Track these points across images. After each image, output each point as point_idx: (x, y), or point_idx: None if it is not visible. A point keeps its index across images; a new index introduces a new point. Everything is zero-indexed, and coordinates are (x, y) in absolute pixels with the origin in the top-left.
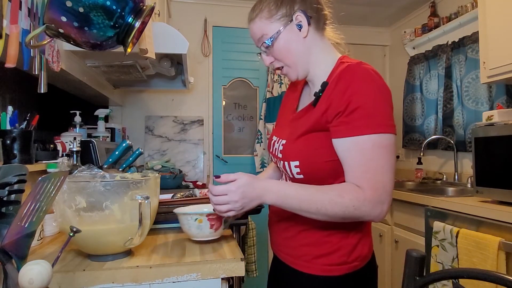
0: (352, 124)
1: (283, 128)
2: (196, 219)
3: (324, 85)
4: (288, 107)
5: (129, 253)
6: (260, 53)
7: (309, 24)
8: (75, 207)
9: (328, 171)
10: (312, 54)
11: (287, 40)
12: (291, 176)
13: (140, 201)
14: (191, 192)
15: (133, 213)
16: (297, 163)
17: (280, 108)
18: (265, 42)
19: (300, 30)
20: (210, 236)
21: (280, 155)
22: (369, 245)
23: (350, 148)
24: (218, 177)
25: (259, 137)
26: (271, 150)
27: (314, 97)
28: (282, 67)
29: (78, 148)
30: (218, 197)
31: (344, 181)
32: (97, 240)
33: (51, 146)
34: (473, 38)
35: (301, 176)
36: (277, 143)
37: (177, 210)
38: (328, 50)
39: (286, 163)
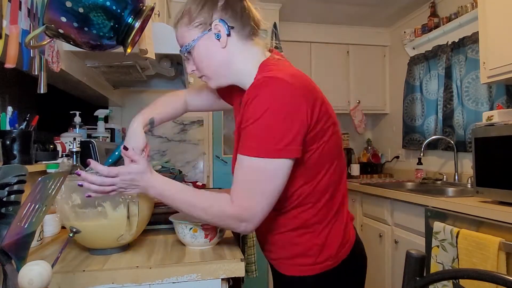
0: (242, 142)
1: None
2: (190, 228)
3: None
4: (236, 114)
5: (126, 247)
6: (184, 60)
7: (228, 34)
8: (71, 204)
9: None
10: (234, 64)
11: (205, 49)
12: None
13: (127, 199)
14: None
15: (123, 211)
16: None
17: (234, 110)
18: (181, 50)
19: (219, 40)
20: (204, 245)
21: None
22: (339, 241)
23: (237, 164)
24: (126, 149)
25: None
26: None
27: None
28: (202, 76)
29: (78, 148)
30: (106, 179)
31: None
32: (92, 235)
33: (51, 146)
34: (473, 38)
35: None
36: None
37: (173, 218)
38: (254, 58)
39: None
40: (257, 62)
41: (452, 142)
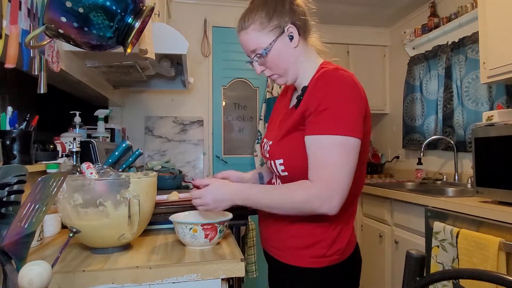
0: (319, 123)
1: (272, 131)
2: (190, 228)
3: (304, 89)
4: (278, 111)
5: (127, 247)
6: (251, 62)
7: (299, 34)
8: (73, 203)
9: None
10: (299, 62)
11: (279, 50)
12: (277, 174)
13: (129, 198)
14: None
15: (124, 210)
16: (281, 161)
17: (272, 112)
18: (259, 53)
19: (291, 41)
20: (204, 245)
21: (267, 155)
22: (348, 238)
23: (313, 145)
24: (193, 179)
25: (259, 137)
26: (262, 152)
27: (297, 100)
28: (272, 74)
29: (77, 148)
30: (196, 200)
31: None
32: (94, 234)
33: (51, 146)
34: (473, 38)
35: (286, 174)
36: (266, 144)
37: (173, 218)
38: (312, 57)
39: (272, 162)
40: (316, 59)
41: (452, 142)
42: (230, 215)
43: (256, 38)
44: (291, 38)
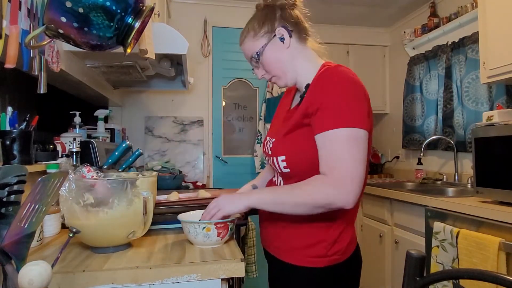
0: (324, 120)
1: (275, 129)
2: (204, 227)
3: (307, 86)
4: (281, 110)
5: (129, 245)
6: (253, 69)
7: (290, 36)
8: (83, 203)
9: (310, 164)
10: (296, 63)
11: (273, 52)
12: (279, 170)
13: (144, 197)
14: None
15: (136, 208)
16: (283, 157)
17: (275, 112)
18: (253, 57)
19: (283, 42)
20: (216, 244)
21: (269, 152)
22: (349, 239)
23: (322, 142)
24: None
25: (259, 137)
26: (264, 149)
27: (300, 98)
28: (272, 77)
29: (77, 148)
30: (210, 210)
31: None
32: (104, 232)
33: (51, 146)
34: (473, 38)
35: (288, 170)
36: (269, 142)
37: (183, 218)
38: (311, 57)
39: (274, 158)
40: (316, 62)
41: (452, 142)
42: (237, 214)
43: (251, 45)
44: (282, 40)
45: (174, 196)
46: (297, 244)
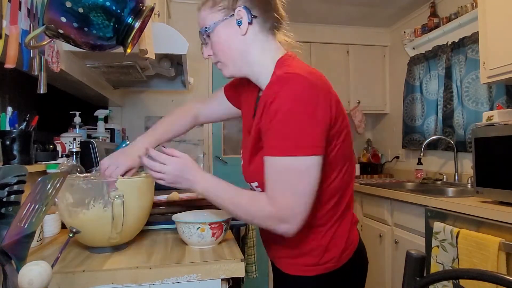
0: (269, 143)
1: (243, 145)
2: (198, 228)
3: (260, 96)
4: (246, 113)
5: (125, 247)
6: (202, 45)
7: (250, 22)
8: (66, 202)
9: None
10: (251, 54)
11: (224, 34)
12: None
13: (112, 199)
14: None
15: (115, 211)
16: (256, 183)
17: (242, 112)
18: (202, 31)
19: (239, 27)
20: (210, 244)
21: (244, 177)
22: (343, 245)
23: (266, 166)
24: (164, 147)
25: None
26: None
27: (254, 109)
28: (217, 62)
29: (77, 148)
30: (156, 164)
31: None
32: (86, 233)
33: (51, 146)
34: (473, 38)
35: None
36: (242, 164)
37: (176, 218)
38: (270, 51)
39: (250, 184)
40: (275, 57)
41: (452, 142)
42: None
43: (205, 16)
44: (240, 23)
45: (174, 196)
46: (290, 253)
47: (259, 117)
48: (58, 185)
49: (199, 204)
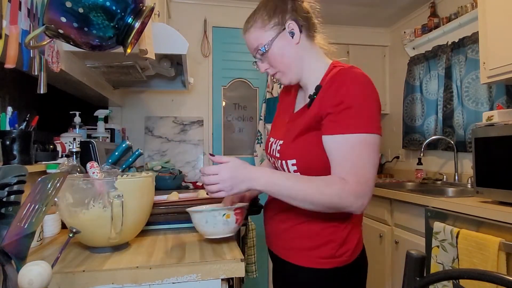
0: (343, 122)
1: (280, 130)
2: (224, 214)
3: (318, 88)
4: (284, 110)
5: (125, 247)
6: (255, 62)
7: (300, 31)
8: (66, 202)
9: (322, 168)
10: (304, 60)
11: (281, 47)
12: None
13: (111, 200)
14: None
15: (114, 211)
16: (294, 161)
17: (276, 111)
18: (260, 50)
19: (292, 37)
20: (233, 232)
21: (278, 155)
22: (358, 239)
23: (339, 144)
24: (212, 155)
25: (259, 137)
26: (268, 151)
27: (309, 99)
28: (276, 73)
29: (77, 148)
30: (210, 177)
31: None
32: (86, 233)
33: (51, 146)
34: (473, 39)
35: (298, 174)
36: (275, 144)
37: (196, 208)
38: (319, 56)
39: (283, 162)
40: (324, 58)
41: (452, 142)
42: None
43: (258, 36)
44: (292, 34)
45: (174, 196)
46: (304, 244)
47: (318, 105)
48: (58, 185)
49: (199, 203)
